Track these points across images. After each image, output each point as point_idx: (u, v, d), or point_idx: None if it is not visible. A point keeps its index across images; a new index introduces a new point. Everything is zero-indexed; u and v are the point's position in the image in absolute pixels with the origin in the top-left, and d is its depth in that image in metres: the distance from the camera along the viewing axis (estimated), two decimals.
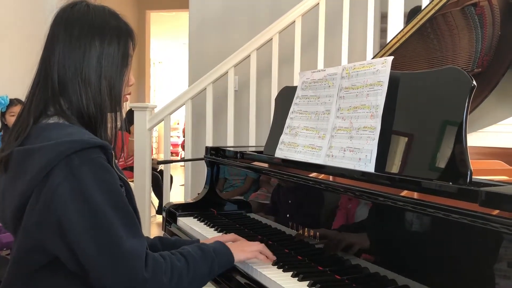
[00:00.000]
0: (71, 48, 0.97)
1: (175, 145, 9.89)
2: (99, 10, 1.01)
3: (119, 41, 1.00)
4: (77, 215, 0.87)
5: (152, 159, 3.29)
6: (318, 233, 1.18)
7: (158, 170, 4.62)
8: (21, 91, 1.06)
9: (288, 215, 1.34)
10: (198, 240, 1.31)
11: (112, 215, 0.89)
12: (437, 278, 0.88)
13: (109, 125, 1.02)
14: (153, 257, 0.95)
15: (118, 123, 1.04)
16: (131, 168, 3.53)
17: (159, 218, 4.57)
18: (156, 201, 4.51)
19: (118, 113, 1.03)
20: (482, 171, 1.19)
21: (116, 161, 1.00)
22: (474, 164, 0.94)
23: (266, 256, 1.16)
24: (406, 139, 1.10)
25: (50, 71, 0.98)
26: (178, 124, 10.67)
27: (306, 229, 1.23)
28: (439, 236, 0.89)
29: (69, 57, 0.97)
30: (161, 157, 7.57)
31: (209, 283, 1.16)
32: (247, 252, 1.14)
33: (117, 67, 1.00)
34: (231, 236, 1.34)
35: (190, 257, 1.01)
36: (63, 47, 0.97)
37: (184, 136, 7.13)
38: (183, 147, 9.06)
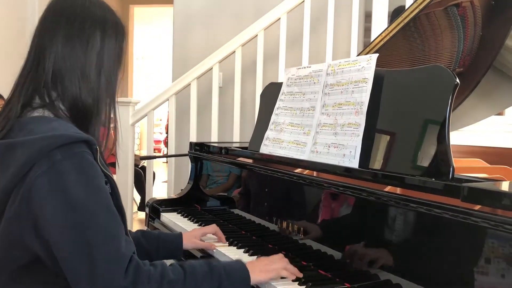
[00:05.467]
0: (72, 41, 0.94)
1: (157, 142, 9.80)
2: (100, 3, 1.00)
3: (117, 36, 0.99)
4: (53, 209, 0.83)
5: (135, 155, 3.25)
6: (302, 228, 1.19)
7: (139, 166, 4.57)
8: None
9: (272, 211, 1.34)
10: (180, 233, 1.30)
11: (92, 212, 0.84)
12: (420, 272, 0.89)
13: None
14: (136, 264, 0.86)
15: (112, 118, 1.02)
16: (112, 164, 3.49)
17: (141, 214, 4.53)
18: (137, 198, 4.47)
19: (112, 108, 1.01)
20: (462, 169, 1.21)
21: (107, 154, 0.98)
22: (454, 162, 0.96)
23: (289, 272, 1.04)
24: (390, 135, 1.11)
25: (45, 61, 0.94)
26: (160, 120, 10.57)
27: (290, 224, 1.23)
28: (422, 230, 0.91)
29: (70, 49, 0.94)
30: (143, 153, 7.50)
31: None
32: (268, 272, 1.01)
33: (114, 62, 0.99)
34: (212, 228, 1.34)
35: (190, 270, 0.92)
36: (62, 39, 0.94)
37: (166, 133, 7.08)
38: (165, 144, 9.00)
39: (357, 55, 1.79)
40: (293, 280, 1.03)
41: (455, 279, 0.83)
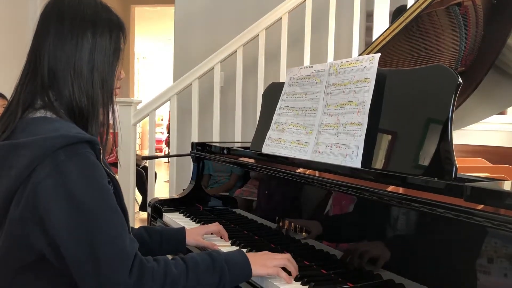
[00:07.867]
0: (62, 39, 0.95)
1: (159, 141, 9.81)
2: (90, 2, 1.00)
3: (111, 34, 0.99)
4: (59, 211, 0.84)
5: (136, 155, 3.26)
6: (304, 228, 1.19)
7: (141, 166, 4.58)
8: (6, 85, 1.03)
9: (274, 211, 1.34)
10: (183, 228, 1.31)
11: (97, 212, 0.86)
12: (422, 272, 0.89)
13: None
14: (140, 262, 0.88)
15: (110, 118, 1.02)
16: (114, 164, 3.50)
17: (143, 214, 4.53)
18: (139, 198, 4.47)
19: (110, 107, 1.01)
20: (465, 168, 1.21)
21: (106, 157, 0.98)
22: (457, 161, 0.96)
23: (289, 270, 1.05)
24: (393, 135, 1.11)
25: (40, 62, 0.95)
26: (162, 120, 10.58)
27: (292, 224, 1.23)
28: (424, 230, 0.91)
29: (61, 48, 0.95)
30: (145, 153, 7.50)
31: None
32: (268, 268, 1.02)
33: (109, 60, 0.99)
34: (215, 226, 1.34)
35: (192, 264, 0.93)
36: (54, 38, 0.95)
37: (168, 132, 7.08)
38: (167, 144, 9.00)
39: (359, 55, 1.79)
40: (295, 280, 1.03)
41: (458, 279, 0.83)
